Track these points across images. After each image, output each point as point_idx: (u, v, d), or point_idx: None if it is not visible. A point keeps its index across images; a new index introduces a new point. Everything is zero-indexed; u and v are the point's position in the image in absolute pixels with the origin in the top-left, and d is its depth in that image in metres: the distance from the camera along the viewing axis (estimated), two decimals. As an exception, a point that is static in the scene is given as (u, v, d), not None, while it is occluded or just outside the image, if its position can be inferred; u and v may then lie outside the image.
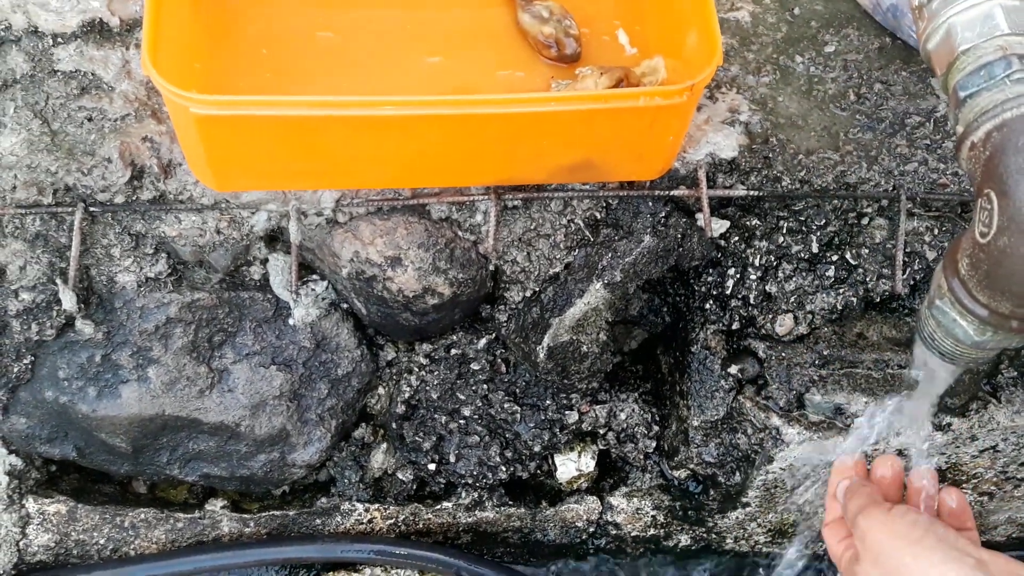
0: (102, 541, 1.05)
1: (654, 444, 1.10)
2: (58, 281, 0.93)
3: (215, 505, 1.06)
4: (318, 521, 1.07)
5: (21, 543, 1.04)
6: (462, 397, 1.06)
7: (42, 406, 0.98)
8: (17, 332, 0.94)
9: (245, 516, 1.06)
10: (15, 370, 0.96)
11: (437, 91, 0.93)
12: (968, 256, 0.53)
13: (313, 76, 0.94)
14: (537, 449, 1.08)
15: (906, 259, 1.00)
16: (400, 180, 0.92)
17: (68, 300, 0.92)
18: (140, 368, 0.97)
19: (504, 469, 1.07)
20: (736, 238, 1.00)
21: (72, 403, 0.97)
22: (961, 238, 0.54)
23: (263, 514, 1.06)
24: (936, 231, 1.00)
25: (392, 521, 1.08)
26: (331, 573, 1.05)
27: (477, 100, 0.81)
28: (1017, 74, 0.51)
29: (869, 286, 1.01)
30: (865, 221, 1.00)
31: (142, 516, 1.04)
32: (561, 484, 1.12)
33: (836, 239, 1.00)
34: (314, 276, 1.00)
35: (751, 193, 0.97)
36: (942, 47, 0.54)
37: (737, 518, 1.12)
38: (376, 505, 1.07)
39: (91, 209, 0.91)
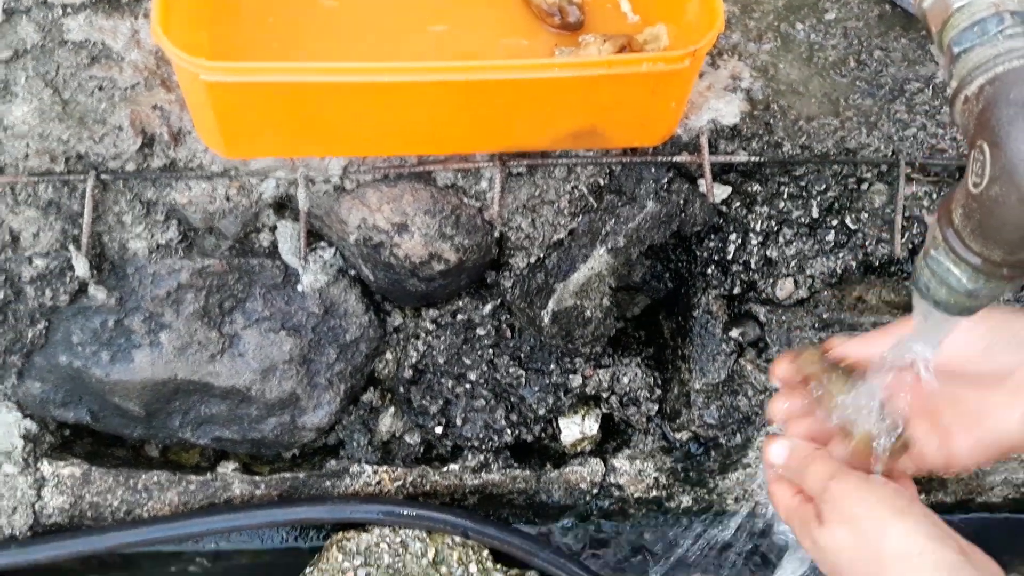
0: (116, 503, 1.07)
1: (656, 407, 1.12)
2: (71, 248, 0.94)
3: (226, 468, 1.08)
4: (327, 483, 1.09)
5: (36, 505, 1.06)
6: (468, 362, 1.08)
7: (56, 371, 1.00)
8: (31, 298, 0.96)
9: (256, 478, 1.08)
10: (30, 335, 0.98)
11: (442, 59, 0.94)
12: (962, 206, 0.54)
13: (318, 44, 0.95)
14: (541, 412, 1.10)
15: (905, 223, 1.01)
16: (406, 147, 0.94)
17: (81, 266, 0.94)
18: (152, 333, 0.98)
19: (509, 432, 1.09)
20: (738, 204, 1.01)
21: (86, 367, 0.99)
22: (955, 189, 0.56)
23: (274, 476, 1.08)
24: (934, 196, 1.02)
25: (400, 483, 1.10)
26: (341, 533, 1.07)
27: (482, 66, 0.83)
28: (1009, 30, 0.53)
29: (868, 250, 1.02)
30: (865, 186, 1.02)
31: (155, 479, 1.07)
32: (565, 447, 1.14)
33: (836, 204, 1.02)
34: (322, 243, 1.01)
35: (752, 159, 0.99)
36: (937, 5, 0.56)
37: (738, 479, 1.14)
38: (384, 467, 1.09)
39: (103, 177, 0.93)
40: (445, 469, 1.10)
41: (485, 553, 1.08)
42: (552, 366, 1.09)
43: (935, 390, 0.71)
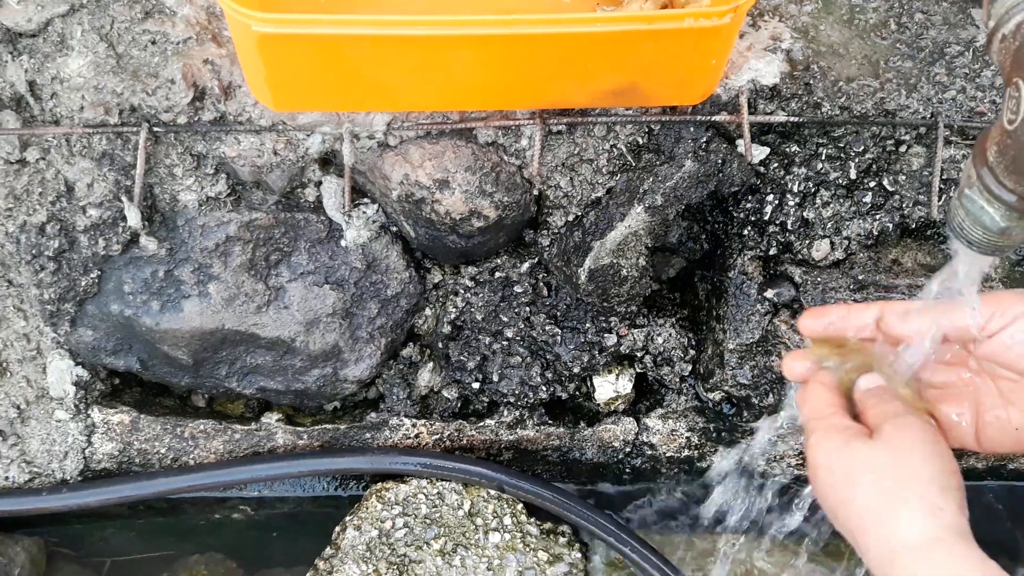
0: (163, 451, 1.11)
1: (690, 367, 1.14)
2: (123, 198, 0.97)
3: (270, 419, 1.11)
4: (367, 435, 1.12)
5: (87, 451, 1.10)
6: (505, 319, 1.10)
7: (108, 319, 1.03)
8: (85, 247, 0.99)
9: (299, 429, 1.11)
10: (83, 284, 1.01)
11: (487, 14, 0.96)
12: (996, 143, 0.55)
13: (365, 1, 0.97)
14: (576, 370, 1.11)
15: (942, 186, 1.02)
16: (450, 102, 0.95)
17: (133, 217, 0.97)
18: (201, 284, 1.01)
19: (544, 389, 1.11)
20: (775, 164, 1.02)
21: (136, 316, 1.02)
22: (990, 128, 0.57)
23: (315, 427, 1.11)
24: (973, 159, 1.02)
25: (437, 436, 1.12)
26: (380, 483, 1.09)
27: (526, 20, 0.84)
28: (1048, -32, 0.54)
29: (905, 212, 1.03)
30: (903, 148, 1.02)
31: (201, 427, 1.10)
32: (599, 405, 1.16)
33: (874, 166, 1.02)
34: (365, 199, 1.04)
35: (791, 119, 0.99)
36: (979, -54, 0.57)
37: (769, 440, 1.15)
38: (423, 421, 1.12)
39: (155, 129, 0.95)
40: (481, 424, 1.13)
41: (519, 507, 1.10)
42: (587, 325, 1.11)
43: (975, 368, 0.70)
